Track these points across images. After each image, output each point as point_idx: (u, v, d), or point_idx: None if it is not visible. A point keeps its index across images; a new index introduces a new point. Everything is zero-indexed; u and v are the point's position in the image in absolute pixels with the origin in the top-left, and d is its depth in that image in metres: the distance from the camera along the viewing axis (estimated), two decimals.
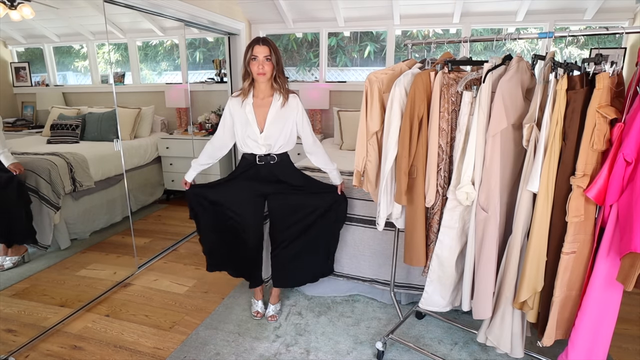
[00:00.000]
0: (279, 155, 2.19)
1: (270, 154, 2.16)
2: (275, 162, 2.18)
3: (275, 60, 2.03)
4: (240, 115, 2.12)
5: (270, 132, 2.11)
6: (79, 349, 2.14)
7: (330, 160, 2.29)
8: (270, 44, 2.03)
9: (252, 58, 2.01)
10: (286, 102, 2.11)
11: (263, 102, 2.12)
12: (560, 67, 1.45)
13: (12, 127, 3.59)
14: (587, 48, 3.97)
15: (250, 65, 2.03)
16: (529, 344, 1.92)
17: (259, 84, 2.08)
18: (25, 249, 2.81)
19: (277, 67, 2.06)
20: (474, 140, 1.58)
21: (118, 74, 4.50)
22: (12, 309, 2.46)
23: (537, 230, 1.48)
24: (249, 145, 2.15)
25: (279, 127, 2.12)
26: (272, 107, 2.10)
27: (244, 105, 2.11)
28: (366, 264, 2.48)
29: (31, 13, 2.81)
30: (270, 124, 2.10)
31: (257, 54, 2.00)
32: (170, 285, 2.78)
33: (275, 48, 2.05)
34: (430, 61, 1.95)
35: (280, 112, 2.11)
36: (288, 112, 2.13)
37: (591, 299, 1.43)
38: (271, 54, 2.01)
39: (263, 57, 2.01)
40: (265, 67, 2.02)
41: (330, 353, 2.11)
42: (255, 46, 2.01)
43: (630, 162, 1.28)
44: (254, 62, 2.02)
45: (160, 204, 4.38)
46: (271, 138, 2.12)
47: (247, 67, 2.05)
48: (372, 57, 4.77)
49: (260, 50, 2.00)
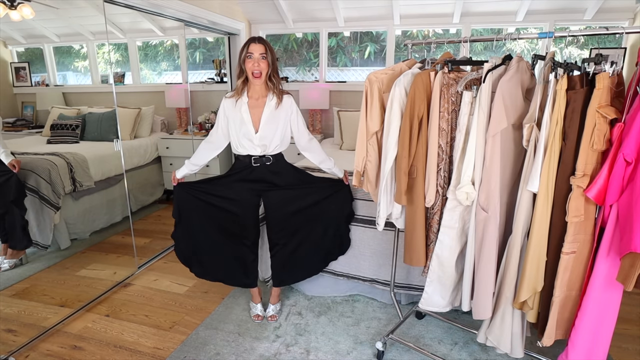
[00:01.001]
0: (274, 156, 2.18)
1: (266, 155, 2.15)
2: (271, 163, 2.17)
3: (270, 59, 2.03)
4: (235, 116, 2.11)
5: (265, 132, 2.10)
6: (79, 349, 2.14)
7: (327, 157, 2.28)
8: (266, 43, 2.03)
9: (248, 56, 2.01)
10: (280, 103, 2.11)
11: (258, 102, 2.11)
12: (560, 67, 1.45)
13: (12, 127, 3.59)
14: (587, 48, 3.97)
15: (246, 64, 2.02)
16: (529, 344, 1.92)
17: (254, 85, 2.07)
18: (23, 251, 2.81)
19: (272, 67, 2.05)
20: (474, 140, 1.58)
21: (118, 74, 4.50)
22: (12, 309, 2.46)
23: (537, 230, 1.47)
24: (244, 146, 2.13)
25: (273, 128, 2.11)
26: (266, 107, 2.10)
27: (239, 105, 2.10)
28: (366, 264, 2.48)
29: (31, 13, 2.81)
30: (265, 124, 2.10)
31: (253, 51, 2.00)
32: (170, 285, 2.78)
33: (271, 48, 2.05)
34: (430, 61, 1.95)
35: (274, 112, 2.11)
36: (281, 113, 2.13)
37: (591, 299, 1.43)
38: (267, 53, 2.01)
39: (259, 54, 2.00)
40: (261, 65, 2.01)
41: (330, 353, 2.10)
42: (251, 44, 2.00)
43: (630, 162, 1.28)
44: (250, 60, 2.01)
45: (160, 204, 4.38)
46: (266, 138, 2.11)
47: (242, 65, 2.04)
48: (372, 57, 4.77)
49: (256, 48, 2.00)
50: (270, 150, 2.15)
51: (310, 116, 4.46)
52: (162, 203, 4.41)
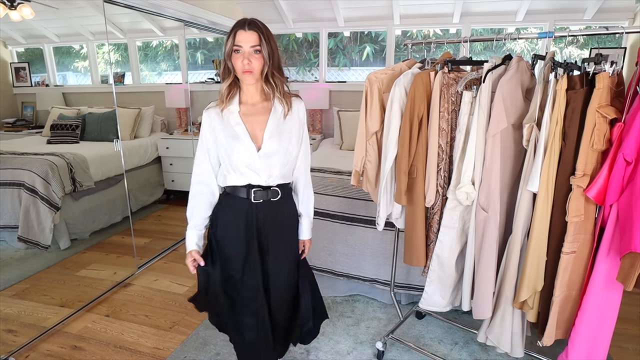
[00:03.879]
0: (282, 187, 1.49)
1: (271, 187, 1.47)
2: (278, 201, 1.48)
3: (268, 51, 1.35)
4: (223, 131, 1.44)
5: (270, 148, 1.43)
6: (79, 349, 2.14)
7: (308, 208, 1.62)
8: (260, 29, 1.35)
9: (235, 49, 1.35)
10: (290, 110, 1.46)
11: (255, 108, 1.45)
12: (560, 67, 1.46)
13: (12, 127, 3.60)
14: (587, 48, 3.96)
15: (233, 60, 1.37)
16: (529, 343, 1.92)
17: (247, 85, 1.43)
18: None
19: (270, 62, 1.37)
20: (474, 140, 1.58)
21: (118, 74, 4.51)
22: (12, 309, 2.46)
23: (537, 230, 1.48)
24: (240, 172, 1.44)
25: (284, 144, 1.45)
26: (272, 115, 1.45)
27: (227, 116, 1.44)
28: (366, 264, 2.48)
29: (31, 13, 2.81)
30: (269, 138, 1.43)
31: (242, 43, 1.34)
32: (170, 285, 2.78)
33: (268, 34, 1.38)
34: (430, 61, 1.95)
35: (282, 122, 1.46)
36: (293, 122, 1.48)
37: (591, 299, 1.43)
38: (262, 43, 1.34)
39: (250, 47, 1.34)
40: (253, 63, 1.35)
41: (330, 353, 2.10)
42: (238, 32, 1.34)
43: (630, 161, 1.28)
44: (237, 56, 1.35)
45: (160, 204, 4.38)
46: (273, 157, 1.44)
47: (228, 61, 1.39)
48: (372, 57, 4.77)
49: (246, 38, 1.33)
50: (277, 179, 1.47)
51: (310, 116, 4.46)
52: (162, 203, 4.42)
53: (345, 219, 2.49)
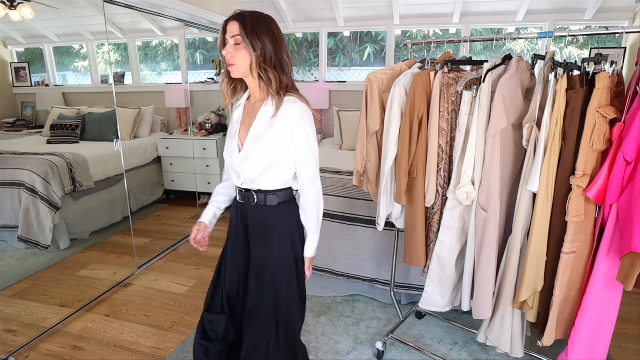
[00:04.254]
0: (261, 194, 1.37)
1: (250, 191, 1.38)
2: (256, 205, 1.39)
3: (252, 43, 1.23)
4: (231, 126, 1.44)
5: (247, 150, 1.33)
6: (79, 349, 2.14)
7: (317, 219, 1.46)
8: (246, 19, 1.24)
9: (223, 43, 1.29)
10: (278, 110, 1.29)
11: (254, 106, 1.37)
12: (560, 67, 1.46)
13: (12, 127, 3.60)
14: (587, 48, 3.96)
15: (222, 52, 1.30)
16: (529, 343, 1.92)
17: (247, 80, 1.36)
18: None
19: (260, 55, 1.25)
20: (474, 140, 1.58)
21: (118, 74, 4.51)
22: (12, 309, 2.46)
23: (537, 230, 1.48)
24: (230, 170, 1.44)
25: (263, 147, 1.31)
26: (259, 116, 1.33)
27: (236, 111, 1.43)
28: (366, 264, 2.48)
29: (31, 13, 2.81)
30: (251, 140, 1.33)
31: (226, 34, 1.27)
32: (170, 285, 2.78)
33: (256, 24, 1.25)
34: (430, 61, 1.95)
35: (269, 124, 1.31)
36: (279, 126, 1.30)
37: (591, 299, 1.43)
38: (242, 34, 1.23)
39: (230, 37, 1.25)
40: (236, 57, 1.25)
41: (330, 353, 2.10)
42: (227, 24, 1.28)
43: (630, 162, 1.28)
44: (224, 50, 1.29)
45: (160, 204, 4.38)
46: (249, 160, 1.33)
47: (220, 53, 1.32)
48: (372, 57, 4.77)
49: (230, 28, 1.26)
50: (255, 184, 1.36)
51: None
52: (162, 203, 4.42)
53: (345, 219, 2.49)
